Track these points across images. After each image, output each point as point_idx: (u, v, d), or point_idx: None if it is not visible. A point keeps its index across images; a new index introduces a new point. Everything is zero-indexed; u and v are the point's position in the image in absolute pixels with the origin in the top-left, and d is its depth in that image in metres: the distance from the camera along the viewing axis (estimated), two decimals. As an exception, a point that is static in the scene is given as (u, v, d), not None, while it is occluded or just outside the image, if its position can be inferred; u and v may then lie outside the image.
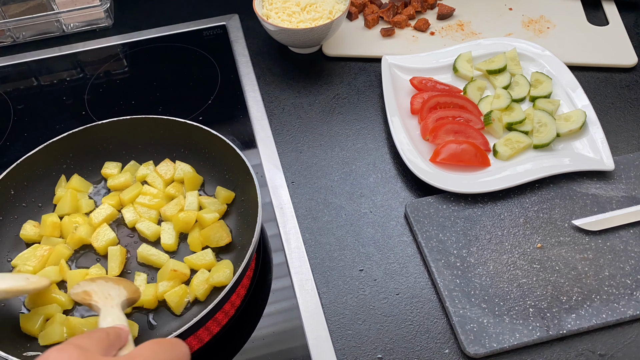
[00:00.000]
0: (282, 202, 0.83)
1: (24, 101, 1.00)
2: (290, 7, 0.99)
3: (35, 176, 0.81)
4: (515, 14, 1.08)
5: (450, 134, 0.86)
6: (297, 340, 0.70)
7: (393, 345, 0.70)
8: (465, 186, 0.80)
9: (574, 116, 0.87)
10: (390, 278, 0.75)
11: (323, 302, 0.74)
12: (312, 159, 0.89)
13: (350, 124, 0.93)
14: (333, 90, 0.98)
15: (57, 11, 1.06)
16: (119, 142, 0.85)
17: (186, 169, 0.81)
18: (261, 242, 0.79)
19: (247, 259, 0.67)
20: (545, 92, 0.91)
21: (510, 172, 0.82)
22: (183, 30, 1.09)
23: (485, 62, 0.96)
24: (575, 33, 1.04)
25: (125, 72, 1.04)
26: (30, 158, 0.80)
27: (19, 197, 0.79)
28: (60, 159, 0.83)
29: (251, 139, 0.91)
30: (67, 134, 0.82)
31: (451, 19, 1.08)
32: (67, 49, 1.07)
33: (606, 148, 0.83)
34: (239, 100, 0.96)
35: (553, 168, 0.82)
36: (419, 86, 0.93)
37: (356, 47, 1.03)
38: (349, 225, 0.81)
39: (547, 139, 0.85)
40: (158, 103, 0.97)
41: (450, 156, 0.83)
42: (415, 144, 0.87)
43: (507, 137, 0.86)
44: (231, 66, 1.02)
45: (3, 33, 1.07)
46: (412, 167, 0.82)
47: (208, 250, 0.74)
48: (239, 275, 0.66)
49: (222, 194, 0.79)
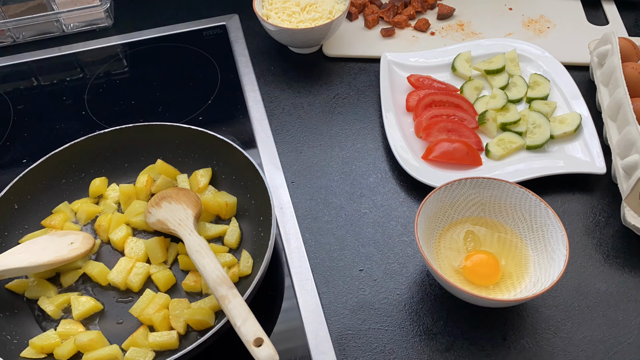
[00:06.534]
0: (282, 202, 0.83)
1: (24, 101, 1.00)
2: (290, 7, 0.99)
3: (39, 189, 0.80)
4: (515, 14, 1.08)
5: (444, 132, 0.86)
6: (297, 340, 0.70)
7: (393, 345, 0.70)
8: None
9: (569, 119, 0.87)
10: (390, 278, 0.75)
11: (323, 302, 0.74)
12: (312, 159, 0.89)
13: (350, 124, 0.93)
14: (333, 90, 0.98)
15: (57, 11, 1.06)
16: (122, 151, 0.84)
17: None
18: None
19: (250, 291, 0.67)
20: (542, 94, 0.91)
21: (501, 172, 0.82)
22: (183, 30, 1.09)
23: (484, 62, 0.96)
24: (575, 33, 1.04)
25: (125, 72, 1.04)
26: (33, 171, 0.79)
27: (22, 211, 0.79)
28: (63, 170, 0.82)
29: (251, 139, 0.91)
30: (69, 144, 0.81)
31: (451, 19, 1.08)
32: (67, 49, 1.07)
33: (599, 151, 0.83)
34: (239, 100, 0.96)
35: (544, 169, 0.82)
36: (415, 84, 0.94)
37: (356, 47, 1.03)
38: (349, 225, 0.81)
39: (540, 141, 0.85)
40: (158, 103, 0.97)
41: (442, 154, 0.84)
42: (409, 141, 0.87)
43: (500, 137, 0.86)
44: (231, 66, 1.02)
45: (3, 33, 1.07)
46: (403, 164, 0.83)
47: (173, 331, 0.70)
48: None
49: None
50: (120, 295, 0.74)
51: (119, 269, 0.74)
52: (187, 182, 0.82)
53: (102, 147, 0.83)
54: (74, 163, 0.83)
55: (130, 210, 0.80)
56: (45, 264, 0.72)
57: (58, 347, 0.68)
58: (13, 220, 0.78)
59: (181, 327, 0.69)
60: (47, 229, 0.79)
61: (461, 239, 0.73)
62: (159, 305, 0.71)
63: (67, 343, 0.68)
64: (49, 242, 0.75)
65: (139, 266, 0.75)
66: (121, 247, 0.77)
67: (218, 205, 0.79)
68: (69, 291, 0.74)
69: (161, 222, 0.75)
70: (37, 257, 0.72)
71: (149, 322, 0.70)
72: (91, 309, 0.72)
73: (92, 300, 0.72)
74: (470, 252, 0.72)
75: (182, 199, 0.77)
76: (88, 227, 0.81)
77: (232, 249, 0.77)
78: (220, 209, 0.79)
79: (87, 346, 0.67)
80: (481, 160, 0.85)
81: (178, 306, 0.70)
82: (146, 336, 0.69)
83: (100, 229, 0.79)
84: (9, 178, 0.78)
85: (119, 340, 0.69)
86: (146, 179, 0.82)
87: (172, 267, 0.76)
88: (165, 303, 0.71)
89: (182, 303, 0.71)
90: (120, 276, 0.73)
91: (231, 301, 0.62)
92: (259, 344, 0.58)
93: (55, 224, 0.79)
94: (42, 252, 0.73)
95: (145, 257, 0.76)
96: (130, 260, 0.75)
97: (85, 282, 0.75)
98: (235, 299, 0.63)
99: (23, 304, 0.73)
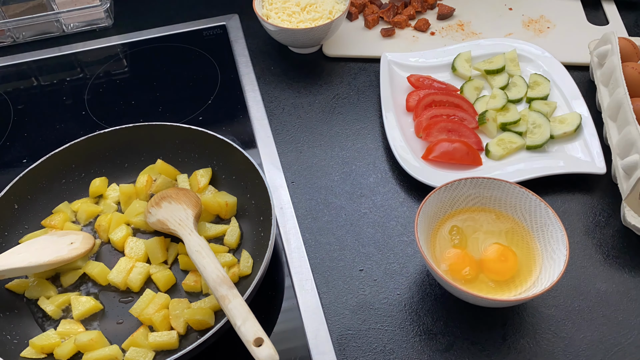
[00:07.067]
0: (282, 202, 0.83)
1: (24, 101, 1.00)
2: (290, 7, 0.99)
3: (39, 189, 0.80)
4: (515, 14, 1.08)
5: (444, 132, 0.86)
6: (297, 340, 0.70)
7: (393, 345, 0.70)
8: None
9: (569, 119, 0.87)
10: (390, 278, 0.75)
11: (323, 302, 0.74)
12: (312, 159, 0.89)
13: (350, 124, 0.93)
14: (333, 90, 0.98)
15: (57, 11, 1.06)
16: (122, 151, 0.84)
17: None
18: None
19: (250, 291, 0.67)
20: (542, 94, 0.91)
21: (501, 172, 0.82)
22: (183, 30, 1.09)
23: (484, 62, 0.96)
24: (575, 33, 1.04)
25: (125, 72, 1.04)
26: (32, 171, 0.79)
27: (22, 211, 0.79)
28: (63, 170, 0.82)
29: (251, 139, 0.91)
30: (69, 144, 0.81)
31: (451, 19, 1.08)
32: (67, 49, 1.07)
33: (599, 151, 0.83)
34: (239, 100, 0.96)
35: (544, 169, 0.82)
36: (415, 83, 0.94)
37: (356, 47, 1.03)
38: (349, 225, 0.81)
39: (540, 141, 0.85)
40: (158, 103, 0.97)
41: (442, 154, 0.84)
42: (409, 140, 0.87)
43: (500, 137, 0.86)
44: (231, 66, 1.02)
45: (3, 33, 1.07)
46: (403, 164, 0.83)
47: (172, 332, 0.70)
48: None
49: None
50: (120, 295, 0.74)
51: (119, 269, 0.74)
52: (187, 182, 0.82)
53: (102, 147, 0.83)
54: (74, 163, 0.83)
55: (130, 210, 0.80)
56: (45, 264, 0.72)
57: (58, 347, 0.68)
58: (13, 220, 0.78)
59: (181, 327, 0.69)
60: (47, 229, 0.79)
61: (447, 233, 0.73)
62: (159, 305, 0.71)
63: (67, 343, 0.68)
64: (49, 242, 0.75)
65: (139, 266, 0.75)
66: (121, 247, 0.77)
67: (218, 205, 0.79)
68: (69, 291, 0.74)
69: (161, 222, 0.75)
70: (37, 257, 0.72)
71: (149, 322, 0.70)
72: (91, 309, 0.72)
73: (92, 300, 0.72)
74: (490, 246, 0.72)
75: (182, 199, 0.77)
76: (88, 227, 0.81)
77: (232, 249, 0.77)
78: (220, 209, 0.79)
79: (87, 346, 0.67)
80: (481, 160, 0.85)
81: (178, 306, 0.70)
82: (146, 336, 0.69)
83: (100, 229, 0.79)
84: (9, 178, 0.78)
85: (119, 340, 0.69)
86: (146, 179, 0.82)
87: (172, 267, 0.76)
88: (165, 303, 0.71)
89: (182, 303, 0.71)
90: (120, 276, 0.73)
91: (231, 301, 0.62)
92: (259, 344, 0.59)
93: (55, 224, 0.79)
94: (42, 252, 0.73)
95: (145, 257, 0.76)
96: (130, 260, 0.75)
97: (85, 282, 0.75)
98: (235, 299, 0.63)
99: (23, 304, 0.73)
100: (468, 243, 0.72)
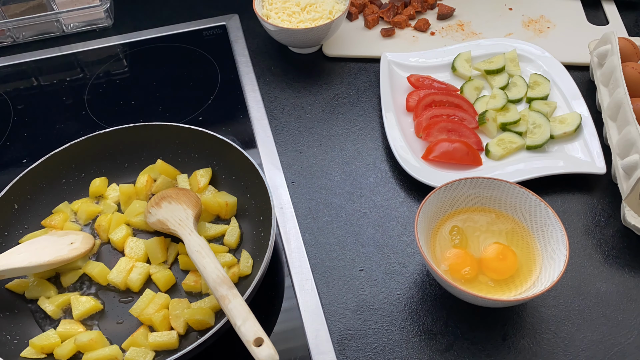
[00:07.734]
0: (282, 202, 0.83)
1: (24, 101, 1.00)
2: (290, 7, 0.99)
3: (39, 189, 0.80)
4: (515, 14, 1.08)
5: (444, 132, 0.86)
6: (297, 340, 0.70)
7: (393, 345, 0.70)
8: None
9: (569, 119, 0.87)
10: (390, 278, 0.75)
11: (323, 302, 0.74)
12: (312, 159, 0.89)
13: (350, 124, 0.93)
14: (333, 90, 0.98)
15: (57, 11, 1.06)
16: (122, 151, 0.84)
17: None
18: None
19: (250, 291, 0.67)
20: (542, 94, 0.91)
21: (501, 172, 0.82)
22: (183, 30, 1.09)
23: (484, 62, 0.96)
24: (575, 33, 1.04)
25: (125, 72, 1.04)
26: (32, 171, 0.79)
27: (22, 211, 0.79)
28: (63, 170, 0.82)
29: (251, 139, 0.91)
30: (69, 144, 0.81)
31: (451, 19, 1.08)
32: (67, 49, 1.07)
33: (599, 151, 0.83)
34: (239, 100, 0.96)
35: (544, 169, 0.82)
36: (415, 83, 0.94)
37: (356, 47, 1.03)
38: (349, 225, 0.81)
39: (540, 141, 0.85)
40: (158, 103, 0.97)
41: (442, 154, 0.84)
42: (409, 140, 0.87)
43: (500, 137, 0.86)
44: (231, 66, 1.02)
45: (3, 33, 1.07)
46: (403, 164, 0.83)
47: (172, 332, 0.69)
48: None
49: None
50: (120, 295, 0.74)
51: (119, 269, 0.74)
52: (187, 182, 0.82)
53: (102, 147, 0.83)
54: (74, 163, 0.83)
55: (130, 210, 0.80)
56: (45, 264, 0.72)
57: (58, 347, 0.68)
58: (13, 220, 0.78)
59: (181, 327, 0.69)
60: (47, 229, 0.79)
61: (447, 233, 0.73)
62: (159, 305, 0.71)
63: (67, 343, 0.68)
64: (49, 242, 0.75)
65: (139, 266, 0.75)
66: (121, 247, 0.77)
67: (218, 205, 0.79)
68: (69, 291, 0.74)
69: (161, 222, 0.75)
70: (37, 257, 0.72)
71: (149, 322, 0.70)
72: (91, 309, 0.72)
73: (92, 300, 0.72)
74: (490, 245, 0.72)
75: (182, 199, 0.77)
76: (88, 227, 0.81)
77: (232, 249, 0.77)
78: (220, 209, 0.79)
79: (87, 346, 0.67)
80: (481, 160, 0.85)
81: (178, 306, 0.70)
82: (146, 336, 0.69)
83: (100, 229, 0.79)
84: (9, 178, 0.78)
85: (119, 340, 0.69)
86: (146, 179, 0.82)
87: (172, 267, 0.76)
88: (165, 303, 0.71)
89: (182, 303, 0.71)
90: (120, 276, 0.73)
91: (231, 301, 0.62)
92: (259, 344, 0.59)
93: (55, 224, 0.79)
94: (42, 252, 0.73)
95: (145, 257, 0.76)
96: (130, 260, 0.75)
97: (85, 282, 0.75)
98: (235, 299, 0.63)
99: (23, 304, 0.73)
100: (469, 243, 0.72)
